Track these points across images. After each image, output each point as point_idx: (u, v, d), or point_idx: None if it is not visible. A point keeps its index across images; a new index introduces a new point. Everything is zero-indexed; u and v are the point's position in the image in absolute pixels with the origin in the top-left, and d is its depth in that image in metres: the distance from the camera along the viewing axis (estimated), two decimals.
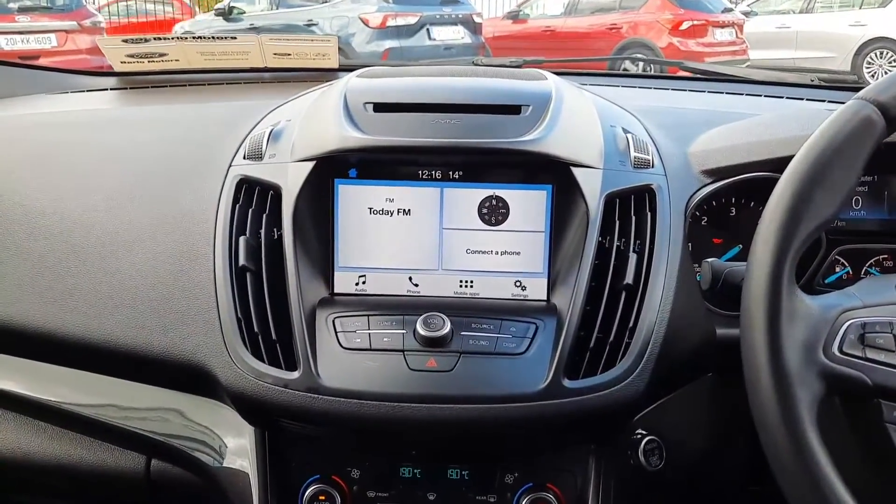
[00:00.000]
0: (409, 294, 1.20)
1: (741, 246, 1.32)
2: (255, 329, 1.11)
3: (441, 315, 1.10)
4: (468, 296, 1.20)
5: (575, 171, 1.16)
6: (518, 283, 1.20)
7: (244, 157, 1.25)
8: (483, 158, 1.18)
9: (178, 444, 1.23)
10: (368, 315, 1.13)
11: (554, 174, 1.18)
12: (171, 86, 1.83)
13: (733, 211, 1.33)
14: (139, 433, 1.25)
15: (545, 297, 1.19)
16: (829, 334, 0.92)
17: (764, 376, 0.88)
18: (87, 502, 1.40)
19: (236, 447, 1.20)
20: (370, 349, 1.09)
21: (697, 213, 1.30)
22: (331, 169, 1.19)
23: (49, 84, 1.83)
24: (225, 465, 1.20)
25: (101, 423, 1.26)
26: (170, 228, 1.23)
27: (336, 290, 1.20)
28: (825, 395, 0.89)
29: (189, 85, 1.83)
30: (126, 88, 1.82)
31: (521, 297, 1.19)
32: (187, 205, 1.24)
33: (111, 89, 1.83)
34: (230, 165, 1.25)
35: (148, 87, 1.81)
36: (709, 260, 1.19)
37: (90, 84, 1.87)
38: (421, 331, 1.08)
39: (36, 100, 1.73)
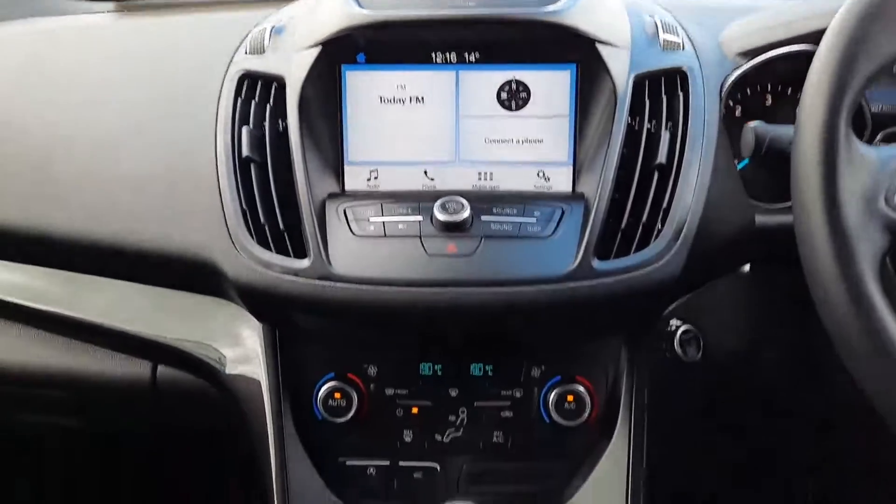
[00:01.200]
0: (424, 189, 1.12)
1: None
2: (262, 220, 1.04)
3: (460, 198, 1.03)
4: (488, 189, 1.12)
5: (601, 48, 1.08)
6: (541, 174, 1.13)
7: (245, 53, 1.17)
8: (501, 34, 1.09)
9: (184, 348, 1.17)
10: (382, 203, 1.05)
11: (578, 52, 1.09)
12: (170, 6, 1.75)
13: (769, 100, 1.24)
14: (144, 338, 1.19)
15: (570, 188, 1.11)
16: (891, 185, 0.83)
17: (820, 234, 0.80)
18: (93, 416, 1.34)
19: (246, 349, 1.13)
20: (385, 236, 1.02)
21: (731, 103, 1.22)
22: (338, 53, 1.10)
23: (44, 7, 1.76)
24: (234, 367, 1.14)
25: (104, 329, 1.20)
26: (168, 124, 1.16)
27: (347, 188, 1.13)
28: (888, 248, 0.81)
29: (191, 6, 1.75)
30: (123, 12, 1.75)
31: (545, 189, 1.12)
32: (186, 100, 1.17)
33: (108, 12, 1.76)
34: (231, 62, 1.17)
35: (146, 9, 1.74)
36: (751, 124, 1.11)
37: (87, 8, 1.80)
38: (439, 215, 1.01)
39: (30, 21, 1.66)
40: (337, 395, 1.09)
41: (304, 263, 1.00)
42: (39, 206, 1.17)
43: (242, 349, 1.14)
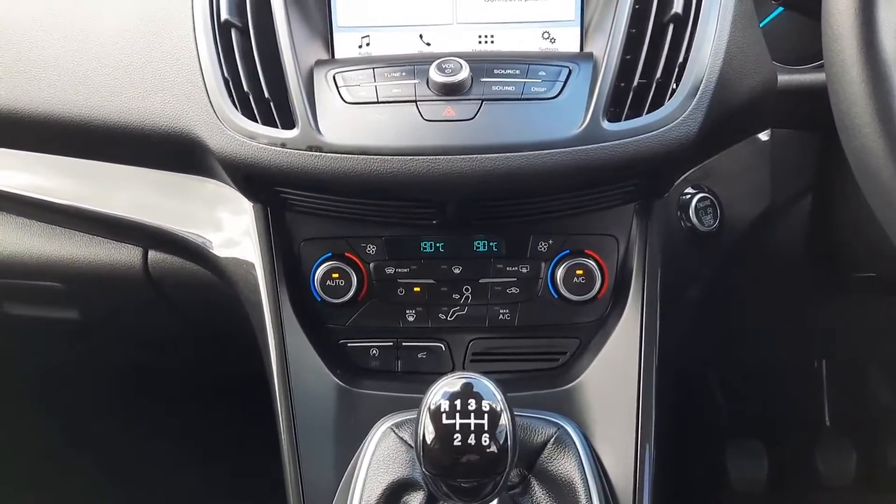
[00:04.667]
0: (420, 54, 1.04)
1: None
2: (245, 88, 0.96)
3: (458, 59, 0.94)
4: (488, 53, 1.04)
5: None
6: (546, 35, 1.04)
7: None
8: None
9: (175, 231, 1.11)
10: (374, 68, 0.97)
11: None
12: None
13: None
14: (133, 221, 1.13)
15: (578, 49, 1.03)
16: None
17: (853, 68, 0.72)
18: (87, 306, 1.31)
19: (238, 230, 1.08)
20: (378, 102, 0.94)
21: None
22: None
23: None
24: (227, 249, 1.09)
25: (93, 214, 1.15)
26: None
27: (336, 55, 1.05)
28: None
29: None
30: None
31: (551, 51, 1.03)
32: None
33: None
34: None
35: None
36: None
37: None
38: (435, 77, 0.93)
39: None
40: (335, 275, 1.04)
41: (292, 133, 0.94)
42: (12, 84, 1.10)
43: (234, 231, 1.09)
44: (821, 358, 1.84)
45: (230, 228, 1.09)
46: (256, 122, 0.95)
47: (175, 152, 1.04)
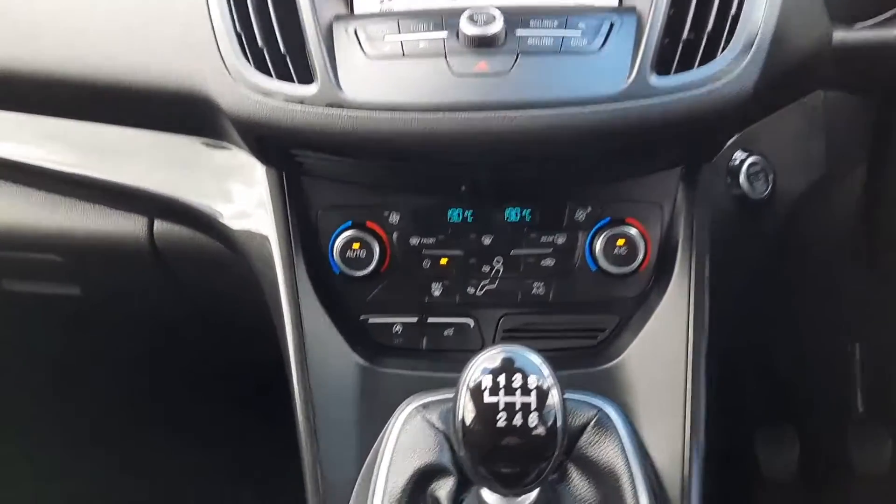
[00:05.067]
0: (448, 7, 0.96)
1: None
2: (259, 42, 0.90)
3: (491, 8, 0.87)
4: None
5: None
6: None
7: None
8: None
9: (184, 199, 1.04)
10: (399, 19, 0.90)
11: None
12: None
13: None
14: (139, 189, 1.06)
15: (617, 2, 0.95)
16: None
17: None
18: (90, 282, 1.24)
19: (251, 197, 1.01)
20: (403, 56, 0.87)
21: None
22: None
23: None
24: (238, 218, 1.02)
25: (95, 182, 1.08)
26: None
27: (356, 11, 0.97)
28: None
29: None
30: None
31: (590, 5, 0.95)
32: None
33: None
34: None
35: None
36: None
37: None
38: (466, 29, 0.86)
39: None
40: (355, 245, 0.97)
41: (311, 89, 0.87)
42: (15, 43, 1.04)
43: (247, 199, 1.01)
44: (855, 341, 1.76)
45: (243, 197, 1.02)
46: (271, 77, 0.89)
47: (184, 113, 0.98)
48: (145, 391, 1.78)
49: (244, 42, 0.90)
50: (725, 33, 0.87)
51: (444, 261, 0.99)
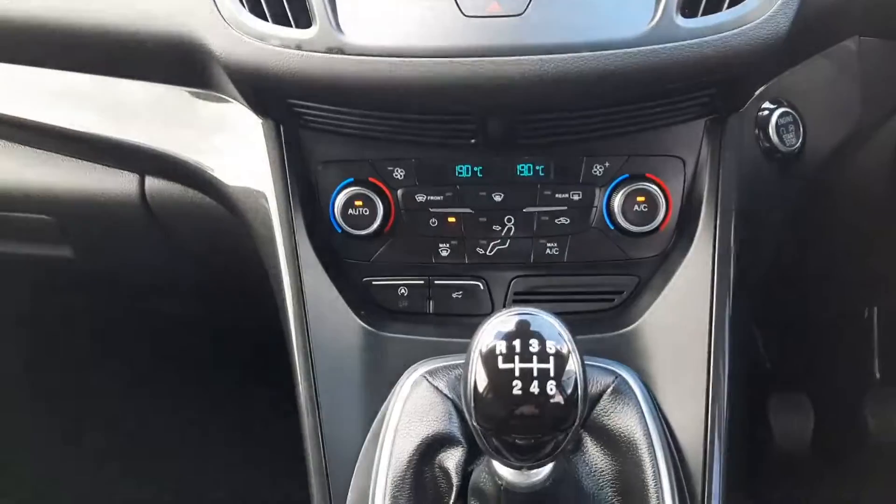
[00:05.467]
0: None
1: None
2: None
3: None
4: None
5: None
6: None
7: None
8: None
9: (176, 154, 0.99)
10: None
11: None
12: None
13: None
14: (129, 143, 1.01)
15: None
16: None
17: None
18: (80, 243, 1.18)
19: (247, 154, 0.95)
20: None
21: None
22: None
23: None
24: (234, 174, 0.97)
25: (83, 136, 1.03)
26: None
27: None
28: None
29: None
30: None
31: None
32: None
33: None
34: None
35: None
36: None
37: None
38: None
39: None
40: (357, 202, 0.92)
41: (309, 33, 0.82)
42: None
43: (243, 153, 0.96)
44: (873, 305, 1.71)
45: (239, 152, 0.97)
46: (267, 20, 0.84)
47: (175, 60, 0.93)
48: (143, 355, 1.74)
49: None
50: None
51: (452, 219, 0.94)
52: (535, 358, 0.62)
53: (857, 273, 1.41)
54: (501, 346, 0.63)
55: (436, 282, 0.96)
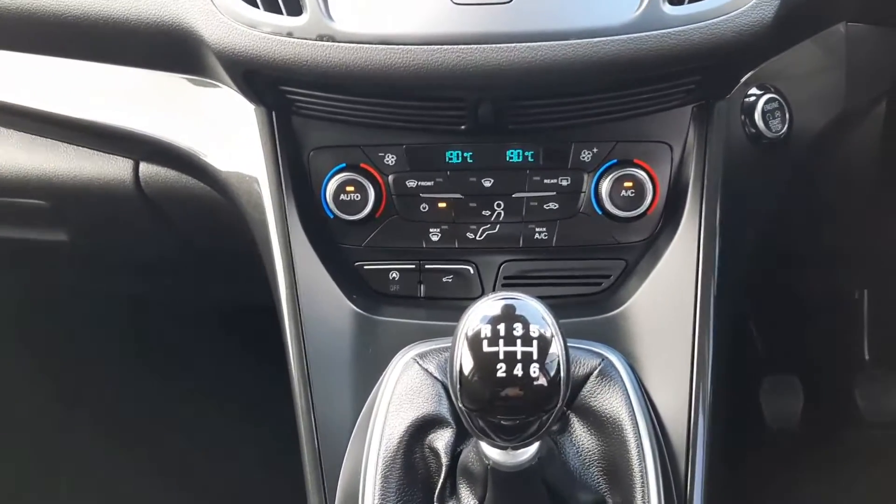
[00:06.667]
0: None
1: None
2: None
3: None
4: None
5: None
6: None
7: None
8: None
9: (169, 140, 1.00)
10: None
11: None
12: None
13: None
14: (123, 130, 1.02)
15: None
16: None
17: None
18: (76, 227, 1.19)
19: (239, 140, 0.96)
20: None
21: None
22: None
23: None
24: (227, 160, 0.98)
25: (78, 122, 1.04)
26: None
27: None
28: None
29: None
30: None
31: None
32: None
33: None
34: None
35: None
36: None
37: None
38: None
39: None
40: (349, 188, 0.93)
41: (300, 21, 0.83)
42: None
43: (236, 139, 0.97)
44: (862, 288, 1.72)
45: (231, 138, 0.98)
46: (258, 8, 0.84)
47: (166, 47, 0.93)
48: (135, 339, 1.75)
49: None
50: None
51: (442, 204, 0.95)
52: (518, 341, 0.64)
53: (844, 257, 1.42)
54: (486, 330, 0.65)
55: (427, 266, 0.97)
